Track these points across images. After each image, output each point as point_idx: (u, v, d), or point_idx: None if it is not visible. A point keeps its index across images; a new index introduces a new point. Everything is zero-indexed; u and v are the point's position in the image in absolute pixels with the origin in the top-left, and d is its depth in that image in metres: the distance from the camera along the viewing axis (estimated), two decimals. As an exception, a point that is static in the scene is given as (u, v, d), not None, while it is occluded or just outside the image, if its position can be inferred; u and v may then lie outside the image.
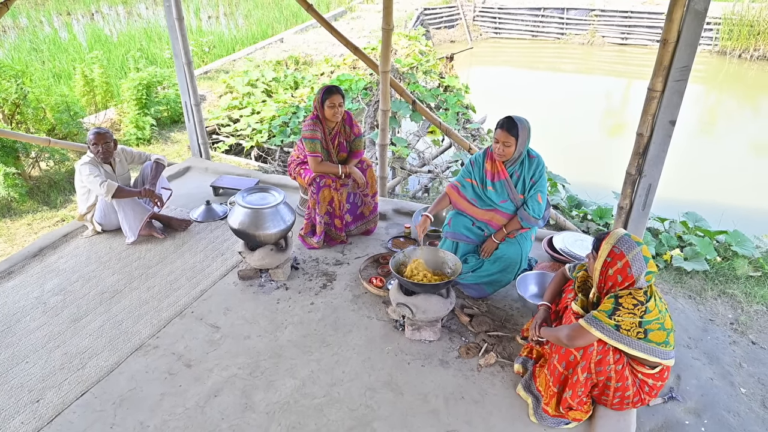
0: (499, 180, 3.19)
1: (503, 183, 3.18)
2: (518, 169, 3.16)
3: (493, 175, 3.21)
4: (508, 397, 2.60)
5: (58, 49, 11.31)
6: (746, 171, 8.00)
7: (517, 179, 3.17)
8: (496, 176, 3.20)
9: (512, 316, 3.19)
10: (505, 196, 3.21)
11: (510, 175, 3.17)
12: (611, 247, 2.23)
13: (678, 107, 2.82)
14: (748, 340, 3.21)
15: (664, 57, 2.76)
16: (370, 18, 17.04)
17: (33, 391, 2.62)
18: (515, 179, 3.17)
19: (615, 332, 2.16)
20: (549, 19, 17.93)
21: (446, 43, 17.29)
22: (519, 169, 3.16)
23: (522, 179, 3.16)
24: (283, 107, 7.89)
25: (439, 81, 8.99)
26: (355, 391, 2.63)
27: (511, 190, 3.18)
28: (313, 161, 3.69)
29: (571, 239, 3.63)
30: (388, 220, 4.35)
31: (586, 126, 10.08)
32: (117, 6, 18.89)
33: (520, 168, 3.16)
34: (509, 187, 3.18)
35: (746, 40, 15.04)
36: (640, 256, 2.19)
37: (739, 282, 3.81)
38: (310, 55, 12.11)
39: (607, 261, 2.23)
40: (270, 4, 18.89)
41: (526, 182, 3.17)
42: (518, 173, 3.17)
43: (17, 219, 5.05)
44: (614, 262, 2.21)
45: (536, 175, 3.15)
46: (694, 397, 2.75)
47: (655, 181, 3.05)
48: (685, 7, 2.62)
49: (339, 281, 3.52)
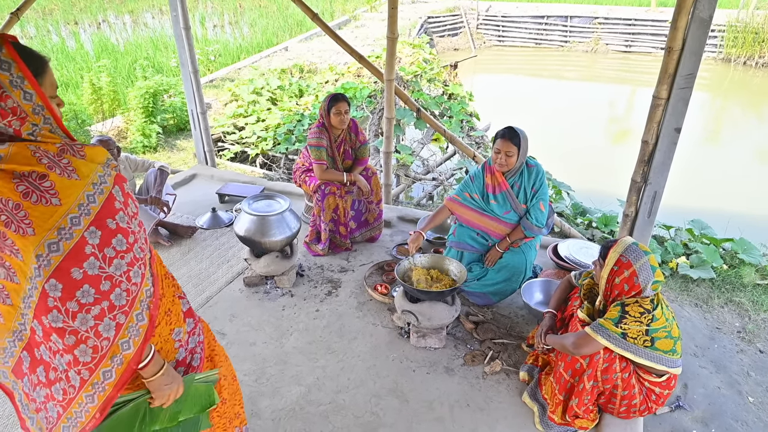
0: (501, 192, 3.19)
1: (505, 195, 3.18)
2: (518, 179, 3.16)
3: (493, 188, 3.21)
4: (513, 405, 2.58)
5: (65, 58, 11.43)
6: (752, 178, 7.98)
7: (518, 189, 3.17)
8: (497, 188, 3.20)
9: (518, 324, 3.18)
10: (508, 207, 3.21)
11: (511, 186, 3.17)
12: (618, 255, 2.22)
13: (683, 115, 2.82)
14: (755, 349, 3.19)
15: (669, 65, 2.77)
16: (374, 26, 17.14)
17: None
18: (516, 190, 3.17)
19: (622, 340, 2.15)
20: (552, 27, 17.98)
21: (450, 51, 17.36)
22: (519, 180, 3.16)
23: (523, 189, 3.16)
24: (287, 115, 7.93)
25: (444, 89, 9.03)
26: (360, 398, 2.63)
27: (513, 201, 3.18)
28: (318, 168, 3.71)
29: (576, 247, 3.63)
30: (392, 227, 4.36)
31: (590, 133, 10.08)
32: (124, 15, 19.10)
33: (520, 178, 3.16)
34: (511, 198, 3.17)
35: (751, 47, 15.04)
36: (647, 266, 2.19)
37: (746, 290, 3.79)
38: (314, 63, 12.18)
39: (614, 269, 2.23)
40: (275, 13, 19.05)
41: (528, 192, 3.17)
42: (518, 184, 3.16)
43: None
44: (621, 270, 2.21)
45: (537, 184, 3.15)
46: (702, 405, 2.73)
47: (661, 188, 3.04)
48: (690, 14, 2.63)
49: (344, 288, 3.52)
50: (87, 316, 1.20)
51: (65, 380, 1.27)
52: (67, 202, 1.18)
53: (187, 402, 1.50)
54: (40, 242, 1.15)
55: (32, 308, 1.21)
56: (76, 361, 1.23)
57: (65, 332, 1.20)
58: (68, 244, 1.17)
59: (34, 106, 1.21)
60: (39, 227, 1.15)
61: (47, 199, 1.16)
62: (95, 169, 1.25)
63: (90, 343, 1.22)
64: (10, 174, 1.14)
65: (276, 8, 19.88)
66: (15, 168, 1.14)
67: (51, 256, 1.16)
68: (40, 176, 1.16)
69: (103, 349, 1.24)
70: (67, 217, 1.18)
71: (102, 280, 1.21)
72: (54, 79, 1.32)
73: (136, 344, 1.29)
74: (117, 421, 1.40)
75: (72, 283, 1.18)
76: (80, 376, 1.26)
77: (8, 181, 1.14)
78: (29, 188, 1.15)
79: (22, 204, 1.14)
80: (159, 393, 1.42)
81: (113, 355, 1.26)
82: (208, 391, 1.56)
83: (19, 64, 1.19)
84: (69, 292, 1.18)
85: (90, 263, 1.20)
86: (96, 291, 1.20)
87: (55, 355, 1.25)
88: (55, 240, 1.16)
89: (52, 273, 1.17)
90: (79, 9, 19.36)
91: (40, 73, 1.25)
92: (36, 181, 1.16)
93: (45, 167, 1.17)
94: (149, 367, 1.36)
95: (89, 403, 1.29)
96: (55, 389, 1.30)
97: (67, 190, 1.18)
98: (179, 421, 1.48)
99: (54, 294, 1.17)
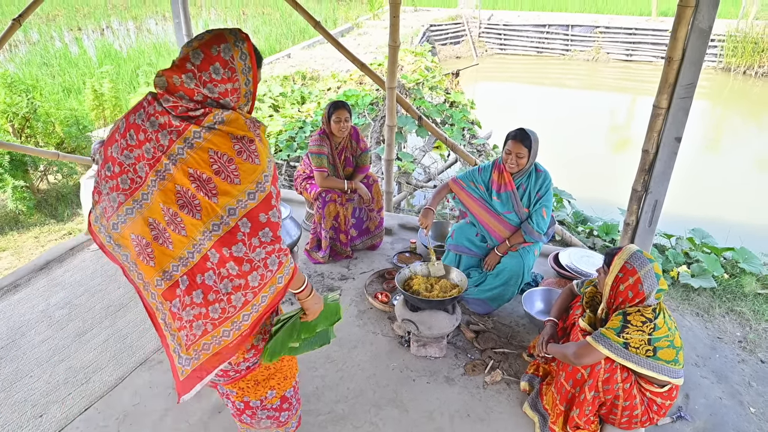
0: (505, 191, 3.20)
1: (509, 195, 3.19)
2: (525, 182, 3.17)
3: (499, 186, 3.22)
4: (514, 416, 2.57)
5: (68, 64, 11.48)
6: (752, 187, 7.97)
7: (524, 192, 3.18)
8: (502, 187, 3.21)
9: (518, 333, 3.16)
10: (509, 208, 3.21)
11: (516, 187, 3.18)
12: (624, 262, 2.22)
13: (683, 124, 2.82)
14: (756, 359, 3.17)
15: (669, 74, 2.77)
16: (377, 34, 17.21)
17: (36, 405, 2.62)
18: (521, 192, 3.18)
19: (623, 350, 2.14)
20: (554, 35, 18.04)
21: (452, 59, 17.41)
22: (526, 182, 3.17)
23: (528, 192, 3.17)
24: (289, 122, 7.95)
25: (445, 96, 9.04)
26: (359, 408, 2.61)
27: (516, 203, 3.19)
28: (319, 176, 3.71)
29: (578, 255, 3.62)
30: (393, 235, 4.35)
31: (591, 142, 10.09)
32: (127, 22, 19.20)
33: (527, 181, 3.17)
34: (515, 199, 3.18)
35: (750, 56, 15.07)
36: (651, 273, 2.18)
37: (747, 299, 3.77)
38: (317, 70, 12.22)
39: (619, 276, 2.22)
40: (278, 21, 19.13)
41: (532, 196, 3.17)
42: (525, 186, 3.17)
43: (24, 232, 5.08)
44: (626, 277, 2.20)
45: (542, 190, 3.16)
46: (703, 416, 2.71)
47: (662, 197, 3.04)
48: (690, 25, 2.64)
49: (344, 296, 3.51)
50: (262, 251, 1.51)
51: (226, 301, 1.54)
52: (263, 163, 1.49)
53: (321, 317, 1.87)
54: (242, 190, 1.45)
55: (213, 240, 1.48)
56: (246, 285, 1.53)
57: (243, 261, 1.50)
58: (261, 195, 1.49)
59: (247, 91, 1.53)
60: (244, 180, 1.46)
61: (252, 159, 1.47)
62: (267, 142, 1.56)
63: (260, 272, 1.53)
64: (229, 135, 1.44)
65: (279, 15, 19.96)
66: (234, 131, 1.45)
67: (248, 202, 1.47)
68: (249, 141, 1.47)
69: (266, 278, 1.55)
70: (262, 174, 1.49)
71: (279, 227, 1.54)
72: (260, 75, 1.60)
73: (286, 280, 1.60)
74: (283, 333, 1.80)
75: (258, 224, 1.49)
76: (245, 298, 1.55)
77: (227, 140, 1.44)
78: (242, 148, 1.46)
79: (235, 159, 1.44)
80: (311, 310, 1.79)
81: (272, 284, 1.57)
82: (336, 308, 1.93)
83: (252, 58, 1.51)
84: (254, 231, 1.49)
85: (273, 213, 1.52)
86: (273, 234, 1.52)
87: (223, 280, 1.52)
88: (253, 191, 1.47)
89: (246, 214, 1.47)
90: (83, 15, 19.46)
91: (258, 67, 1.56)
92: (247, 144, 1.46)
93: (254, 135, 1.48)
94: (304, 292, 1.73)
95: (245, 320, 1.58)
96: (213, 309, 1.56)
97: (262, 154, 1.50)
98: (317, 332, 1.87)
99: (244, 230, 1.48)
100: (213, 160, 1.43)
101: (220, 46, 1.45)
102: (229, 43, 1.46)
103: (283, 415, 2.04)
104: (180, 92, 1.45)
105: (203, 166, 1.43)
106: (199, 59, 1.43)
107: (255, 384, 1.90)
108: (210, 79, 1.44)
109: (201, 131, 1.43)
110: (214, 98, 1.47)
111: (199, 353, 1.61)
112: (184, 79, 1.43)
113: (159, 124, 1.46)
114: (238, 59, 1.47)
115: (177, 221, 1.49)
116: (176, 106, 1.45)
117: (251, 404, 1.95)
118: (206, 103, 1.47)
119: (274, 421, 2.04)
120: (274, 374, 1.93)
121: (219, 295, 1.54)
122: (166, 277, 1.56)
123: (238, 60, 1.47)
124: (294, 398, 2.08)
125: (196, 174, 1.44)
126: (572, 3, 21.26)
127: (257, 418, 2.00)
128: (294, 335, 1.81)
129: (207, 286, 1.53)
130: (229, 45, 1.46)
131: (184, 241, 1.50)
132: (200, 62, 1.43)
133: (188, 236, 1.49)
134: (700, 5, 2.56)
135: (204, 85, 1.44)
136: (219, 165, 1.43)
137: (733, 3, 17.64)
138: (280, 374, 1.95)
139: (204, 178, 1.44)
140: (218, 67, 1.44)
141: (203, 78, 1.44)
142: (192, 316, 1.56)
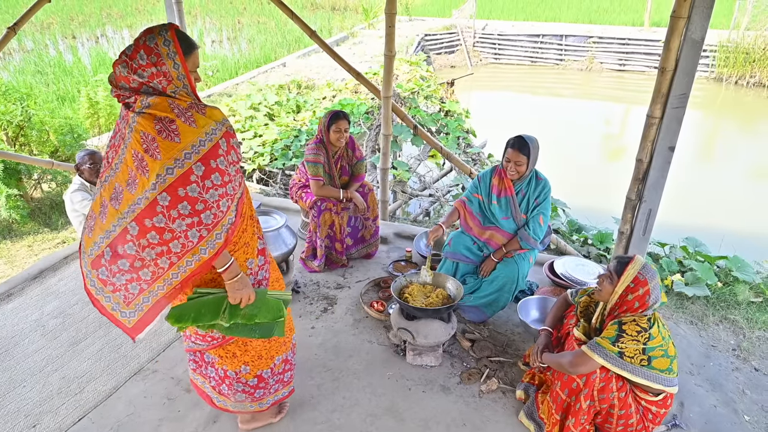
0: (505, 196, 3.22)
1: (508, 200, 3.21)
2: (524, 188, 3.20)
3: (499, 190, 3.25)
4: (510, 425, 2.57)
5: (62, 72, 11.46)
6: (745, 196, 8.04)
7: (522, 198, 3.20)
8: (502, 192, 3.24)
9: (514, 341, 3.17)
10: (507, 213, 3.24)
11: (516, 193, 3.20)
12: (636, 273, 2.23)
13: (677, 134, 2.85)
14: (750, 367, 3.19)
15: (663, 84, 2.80)
16: (372, 43, 17.29)
17: (30, 416, 2.59)
18: (520, 197, 3.21)
19: (618, 359, 2.15)
20: (548, 45, 18.18)
21: (447, 69, 17.50)
22: (525, 189, 3.20)
23: (527, 198, 3.19)
24: (285, 131, 7.96)
25: (440, 106, 9.08)
26: (355, 417, 2.60)
27: (514, 208, 3.21)
28: (315, 185, 3.71)
29: (572, 264, 3.63)
30: (389, 243, 4.36)
31: (585, 150, 10.15)
32: (122, 30, 19.19)
33: (526, 187, 3.20)
34: (513, 204, 3.20)
35: (742, 67, 15.23)
36: (658, 286, 2.22)
37: (741, 308, 3.79)
38: (312, 79, 12.26)
39: (630, 286, 2.24)
40: (273, 29, 19.20)
41: (530, 202, 3.20)
42: (524, 192, 3.20)
43: (18, 240, 5.05)
44: (637, 288, 2.22)
45: (541, 197, 3.18)
46: (698, 424, 2.71)
47: (655, 206, 3.06)
48: (683, 36, 2.67)
49: (340, 305, 3.50)
50: (182, 222, 1.68)
51: (154, 265, 1.74)
52: (185, 141, 1.65)
53: (261, 309, 1.98)
54: (162, 165, 1.63)
55: (136, 213, 1.67)
56: (168, 251, 1.71)
57: (164, 230, 1.68)
58: (180, 171, 1.65)
59: (179, 74, 1.69)
60: (164, 155, 1.63)
61: (172, 137, 1.64)
62: (210, 123, 1.72)
63: (181, 240, 1.71)
64: (152, 117, 1.64)
65: (275, 24, 20.04)
66: (156, 113, 1.65)
67: (167, 176, 1.64)
68: (170, 121, 1.65)
69: (187, 247, 1.72)
70: (182, 152, 1.65)
71: (198, 201, 1.69)
72: (198, 60, 1.80)
73: (210, 253, 1.76)
74: (202, 303, 1.92)
75: (177, 198, 1.66)
76: (170, 261, 1.74)
77: (150, 121, 1.64)
78: (162, 128, 1.64)
79: (156, 138, 1.63)
80: (233, 294, 1.92)
81: (194, 254, 1.74)
82: (278, 305, 2.02)
83: (175, 43, 1.68)
84: (173, 204, 1.66)
85: (192, 188, 1.67)
86: (191, 208, 1.68)
87: (145, 249, 1.71)
88: (171, 166, 1.64)
89: (165, 188, 1.64)
90: (78, 23, 19.45)
91: (188, 53, 1.73)
92: (167, 124, 1.65)
93: (175, 115, 1.66)
94: (227, 273, 1.87)
95: (174, 278, 1.77)
96: (143, 272, 1.76)
97: (186, 133, 1.66)
98: (255, 323, 1.97)
99: (163, 203, 1.65)
100: (143, 140, 1.65)
101: (147, 36, 1.67)
102: (154, 33, 1.68)
103: (258, 392, 2.28)
104: (121, 82, 1.69)
105: (138, 146, 1.65)
106: (131, 50, 1.67)
107: (232, 356, 2.15)
108: (139, 65, 1.66)
109: (135, 116, 1.66)
110: (145, 83, 1.67)
111: (141, 306, 1.85)
112: (121, 69, 1.68)
113: (122, 115, 1.75)
114: (162, 45, 1.66)
115: (120, 198, 1.71)
116: (119, 95, 1.71)
117: (228, 374, 2.19)
118: (141, 90, 1.69)
119: (248, 396, 2.27)
120: (247, 351, 2.16)
121: (145, 261, 1.74)
122: (95, 247, 1.80)
123: (162, 46, 1.66)
124: (272, 379, 2.29)
125: (134, 153, 1.67)
126: (566, 13, 21.46)
127: (233, 390, 2.23)
128: (221, 314, 1.92)
129: (130, 256, 1.73)
130: (153, 35, 1.67)
131: (115, 214, 1.71)
132: (131, 52, 1.67)
133: (119, 210, 1.70)
134: (692, 16, 2.60)
135: (135, 71, 1.66)
136: (146, 144, 1.64)
137: (725, 14, 17.84)
138: (254, 352, 2.18)
139: (140, 157, 1.66)
140: (143, 54, 1.65)
141: (133, 65, 1.66)
142: (125, 280, 1.80)
